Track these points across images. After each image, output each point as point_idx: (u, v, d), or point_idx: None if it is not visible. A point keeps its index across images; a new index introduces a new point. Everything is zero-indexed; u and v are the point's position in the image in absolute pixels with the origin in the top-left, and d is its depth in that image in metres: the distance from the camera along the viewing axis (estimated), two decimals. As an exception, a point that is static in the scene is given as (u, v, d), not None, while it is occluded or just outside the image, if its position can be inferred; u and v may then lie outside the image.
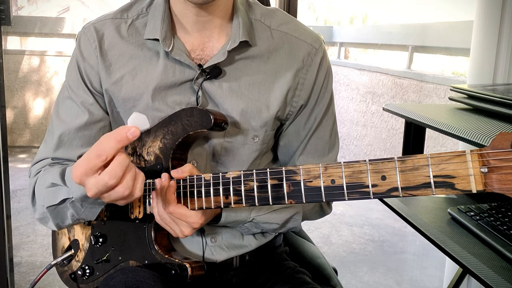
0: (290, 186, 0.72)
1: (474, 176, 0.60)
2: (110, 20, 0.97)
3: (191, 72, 0.92)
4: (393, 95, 4.20)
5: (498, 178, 0.59)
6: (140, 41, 0.94)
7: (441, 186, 0.62)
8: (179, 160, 0.90)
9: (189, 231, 0.83)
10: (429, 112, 1.27)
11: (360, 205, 3.57)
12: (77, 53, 0.97)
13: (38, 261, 2.53)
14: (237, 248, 0.99)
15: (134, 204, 0.92)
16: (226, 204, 0.79)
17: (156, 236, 0.91)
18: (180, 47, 0.92)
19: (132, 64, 0.94)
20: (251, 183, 0.75)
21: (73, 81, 0.97)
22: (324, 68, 0.97)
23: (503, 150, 0.59)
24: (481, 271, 0.95)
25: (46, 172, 0.95)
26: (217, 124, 0.85)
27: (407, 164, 0.63)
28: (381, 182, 0.65)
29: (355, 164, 0.67)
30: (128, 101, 0.94)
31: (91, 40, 0.95)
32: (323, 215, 1.05)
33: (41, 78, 4.96)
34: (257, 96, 0.93)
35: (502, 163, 0.59)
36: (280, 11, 0.99)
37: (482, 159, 0.60)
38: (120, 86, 0.94)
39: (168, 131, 0.88)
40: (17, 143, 4.94)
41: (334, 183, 0.68)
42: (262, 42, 0.93)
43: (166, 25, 0.91)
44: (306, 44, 0.95)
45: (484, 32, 1.78)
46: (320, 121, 0.99)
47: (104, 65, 0.95)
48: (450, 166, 0.61)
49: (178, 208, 0.82)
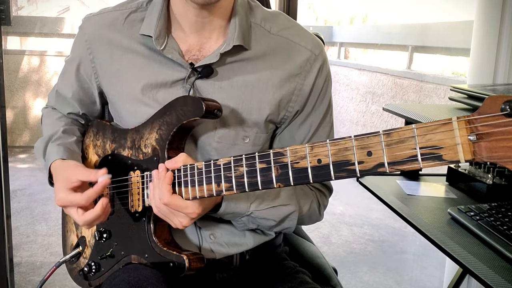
0: (278, 169, 0.71)
1: (461, 145, 0.56)
2: (108, 13, 1.00)
3: (183, 71, 0.92)
4: (393, 95, 4.21)
5: (487, 145, 0.55)
6: (135, 35, 0.96)
7: (429, 159, 0.58)
8: (176, 150, 0.90)
9: (186, 221, 0.83)
10: (429, 112, 1.27)
11: (360, 205, 3.57)
12: (75, 44, 1.03)
13: (38, 261, 2.53)
14: (236, 246, 0.99)
15: (134, 198, 0.93)
16: (218, 192, 0.78)
17: (155, 229, 0.91)
18: (173, 46, 0.92)
19: (127, 58, 0.96)
20: (241, 169, 0.75)
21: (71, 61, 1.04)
22: (323, 75, 0.96)
23: (492, 114, 0.54)
24: (481, 271, 0.95)
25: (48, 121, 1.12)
26: (210, 112, 0.84)
27: (392, 137, 0.60)
28: (367, 158, 0.62)
29: (341, 141, 0.65)
30: (121, 95, 0.96)
31: (86, 33, 1.00)
32: (315, 220, 1.03)
33: (41, 78, 4.96)
34: (249, 97, 0.92)
35: (491, 129, 0.54)
36: (283, 15, 0.98)
37: (469, 125, 0.56)
38: (116, 80, 0.97)
39: (164, 122, 0.89)
40: (17, 143, 4.94)
41: (320, 163, 0.67)
42: (259, 46, 0.93)
43: (161, 23, 0.92)
44: (306, 50, 0.94)
45: (484, 32, 1.78)
46: (316, 129, 0.98)
47: (99, 59, 0.98)
48: (437, 136, 0.57)
49: (173, 199, 0.81)
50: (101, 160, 1.01)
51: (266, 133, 0.96)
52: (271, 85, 0.93)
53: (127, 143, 0.96)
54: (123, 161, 0.96)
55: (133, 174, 0.93)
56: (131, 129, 0.96)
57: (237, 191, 0.76)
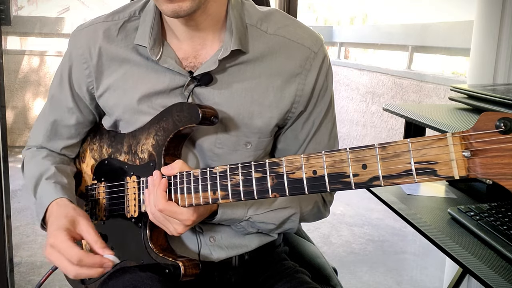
0: (274, 179, 0.71)
1: (456, 161, 0.56)
2: (100, 23, 0.96)
3: (182, 78, 0.90)
4: (393, 95, 4.20)
5: (482, 162, 0.55)
6: (130, 45, 0.93)
7: (423, 173, 0.58)
8: (172, 156, 0.89)
9: (181, 228, 0.82)
10: (429, 112, 1.27)
11: (360, 205, 3.57)
12: (66, 59, 1.00)
13: (38, 261, 2.53)
14: (237, 248, 0.98)
15: (130, 203, 0.93)
16: (214, 200, 0.78)
17: (151, 235, 0.91)
18: (169, 54, 0.90)
19: (123, 69, 0.93)
20: (237, 177, 0.75)
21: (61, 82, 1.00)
22: (324, 72, 0.94)
23: (487, 131, 0.54)
24: (481, 271, 0.94)
25: (27, 167, 1.02)
26: (206, 118, 0.84)
27: (388, 151, 0.60)
28: (362, 171, 0.62)
29: (336, 153, 0.65)
30: (118, 107, 0.94)
31: (78, 47, 0.96)
32: (320, 216, 1.03)
33: (41, 78, 4.96)
34: (250, 102, 0.91)
35: (486, 146, 0.54)
36: (279, 12, 0.95)
37: (464, 142, 0.56)
38: (112, 92, 0.94)
39: (160, 128, 0.88)
40: (17, 143, 4.93)
41: (315, 174, 0.67)
42: (257, 48, 0.90)
43: (155, 32, 0.90)
44: (304, 48, 0.91)
45: (484, 32, 1.78)
46: (319, 125, 0.97)
47: (94, 71, 0.95)
48: (432, 151, 0.57)
49: (169, 206, 0.81)
50: (97, 164, 1.01)
51: (270, 137, 0.95)
52: (272, 88, 0.91)
53: (124, 148, 0.95)
54: (120, 166, 0.95)
55: (129, 179, 0.93)
56: (128, 133, 0.95)
57: (233, 200, 0.76)
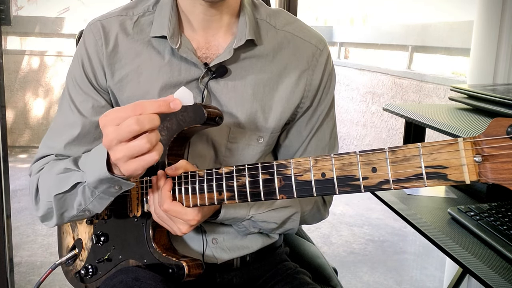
0: (281, 180, 0.71)
1: (467, 166, 0.56)
2: (115, 17, 0.96)
3: (197, 70, 0.91)
4: (393, 95, 4.21)
5: (492, 167, 0.55)
6: (145, 39, 0.94)
7: (433, 178, 0.58)
8: (176, 156, 0.89)
9: (186, 228, 0.83)
10: (429, 112, 1.27)
11: (360, 205, 3.57)
12: (81, 51, 0.95)
13: (38, 261, 2.53)
14: (239, 249, 0.99)
15: (133, 203, 0.92)
16: (219, 200, 0.78)
17: (154, 235, 0.90)
18: (187, 45, 0.91)
19: (137, 62, 0.93)
20: (243, 179, 0.75)
21: (80, 81, 0.95)
22: (328, 70, 0.97)
23: (498, 137, 0.54)
24: (481, 271, 0.95)
25: (55, 163, 0.93)
26: (211, 119, 0.83)
27: (398, 154, 0.60)
28: (371, 174, 0.62)
29: (345, 156, 0.65)
30: (132, 99, 0.93)
31: (97, 37, 0.94)
32: (320, 218, 1.04)
33: (41, 78, 4.96)
34: (262, 96, 0.93)
35: (497, 151, 0.55)
36: (285, 11, 1.00)
37: (475, 147, 0.56)
38: (125, 84, 0.94)
39: (164, 127, 0.88)
40: (17, 143, 4.93)
41: (324, 177, 0.66)
42: (268, 41, 0.94)
43: (173, 22, 0.91)
44: (310, 45, 0.95)
45: (484, 32, 1.78)
46: (321, 123, 0.99)
47: (109, 62, 0.94)
48: (442, 156, 0.57)
49: (173, 206, 0.81)
50: None
51: (279, 132, 0.97)
52: (282, 82, 0.93)
53: None
54: None
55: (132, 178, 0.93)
56: None
57: (239, 201, 0.76)
